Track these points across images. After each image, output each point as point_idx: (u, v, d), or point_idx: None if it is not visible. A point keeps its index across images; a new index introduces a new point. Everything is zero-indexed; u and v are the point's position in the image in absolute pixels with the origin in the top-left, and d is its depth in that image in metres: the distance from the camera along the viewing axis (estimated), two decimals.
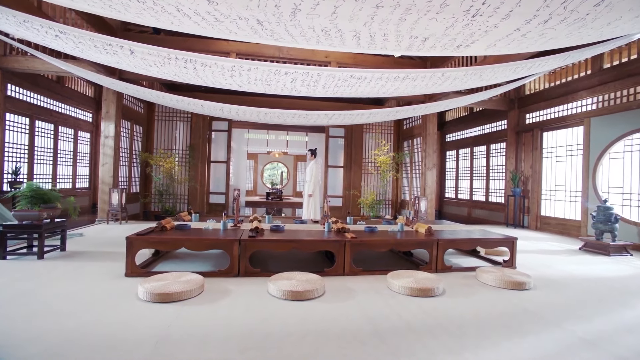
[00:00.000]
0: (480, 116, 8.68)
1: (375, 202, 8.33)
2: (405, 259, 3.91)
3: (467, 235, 3.63)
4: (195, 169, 8.26)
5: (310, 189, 6.33)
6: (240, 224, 3.96)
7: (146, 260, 3.38)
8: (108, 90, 6.27)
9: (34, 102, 7.26)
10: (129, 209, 7.52)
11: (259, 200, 14.50)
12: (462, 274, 3.36)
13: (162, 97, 5.06)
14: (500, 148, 8.02)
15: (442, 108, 5.81)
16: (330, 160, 9.21)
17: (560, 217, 6.34)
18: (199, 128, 8.33)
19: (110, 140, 6.30)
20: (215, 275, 3.03)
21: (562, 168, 6.36)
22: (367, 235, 3.48)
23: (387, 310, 2.37)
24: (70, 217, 3.75)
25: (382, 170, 8.32)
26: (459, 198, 9.92)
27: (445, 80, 3.73)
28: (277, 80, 3.61)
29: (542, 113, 6.80)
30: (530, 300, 2.64)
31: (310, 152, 6.39)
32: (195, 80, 3.85)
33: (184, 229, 3.44)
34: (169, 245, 3.01)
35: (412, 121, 8.87)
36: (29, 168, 7.20)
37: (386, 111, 5.38)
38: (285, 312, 2.30)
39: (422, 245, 3.39)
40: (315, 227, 3.95)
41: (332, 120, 5.81)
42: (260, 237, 3.17)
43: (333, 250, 3.19)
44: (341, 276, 3.17)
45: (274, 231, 3.55)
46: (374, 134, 9.19)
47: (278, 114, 5.28)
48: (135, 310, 2.25)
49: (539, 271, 3.53)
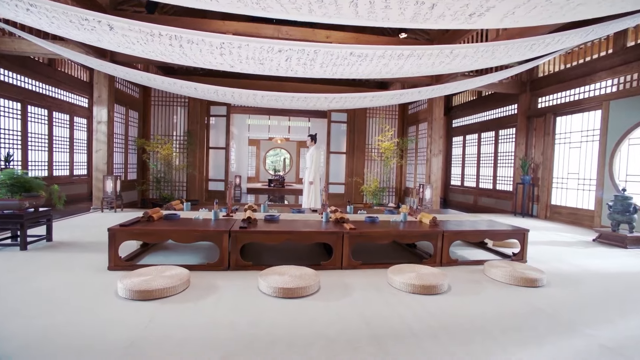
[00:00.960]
0: (489, 100, 8.30)
1: (378, 190, 8.10)
2: (408, 250, 3.70)
3: (474, 227, 3.40)
4: (194, 155, 8.06)
5: (310, 176, 6.10)
6: (234, 214, 3.76)
7: (134, 251, 3.21)
8: (99, 73, 6.02)
9: (25, 86, 7.04)
10: (126, 197, 7.38)
11: (261, 187, 14.34)
12: (469, 268, 3.14)
13: (154, 79, 4.80)
14: (509, 134, 7.68)
15: (449, 91, 5.48)
16: (332, 146, 8.94)
17: (571, 207, 6.05)
18: (197, 113, 8.08)
19: (103, 125, 6.08)
20: (204, 268, 2.84)
21: (575, 155, 6.04)
22: (367, 226, 3.26)
23: (387, 310, 2.16)
24: (55, 207, 3.58)
25: (385, 157, 8.04)
26: (465, 186, 9.64)
27: (454, 58, 3.42)
28: (271, 59, 3.33)
29: (556, 96, 6.42)
30: (543, 299, 2.42)
31: (311, 138, 6.13)
32: (184, 59, 3.58)
33: (172, 219, 3.24)
34: (154, 237, 2.82)
35: (418, 105, 8.52)
36: (22, 155, 7.03)
37: (390, 94, 5.07)
38: (275, 311, 2.10)
39: (426, 237, 3.16)
40: (313, 216, 3.74)
41: (333, 104, 5.52)
42: (253, 228, 2.97)
43: (330, 242, 2.98)
44: (339, 270, 2.97)
45: (268, 221, 3.34)
46: (377, 119, 8.86)
47: (275, 97, 5.00)
48: (111, 309, 2.07)
49: (552, 265, 3.29)
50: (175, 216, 3.31)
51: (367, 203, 8.57)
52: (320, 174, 6.24)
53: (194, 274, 2.70)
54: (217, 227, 2.91)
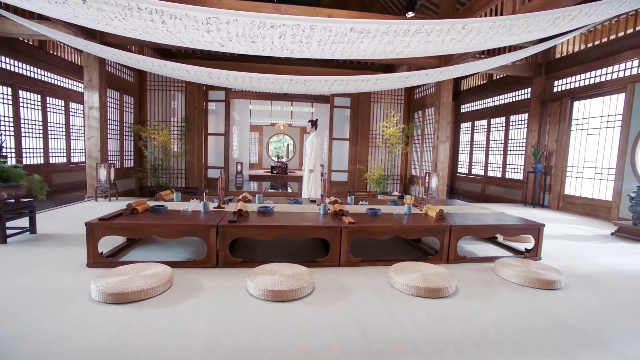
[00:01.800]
0: (501, 84, 7.87)
1: (382, 178, 7.81)
2: (412, 245, 3.46)
3: (484, 221, 3.13)
4: (192, 142, 7.81)
5: (310, 164, 5.83)
6: (227, 205, 3.53)
7: (119, 245, 3.01)
8: (89, 56, 5.73)
9: (16, 70, 6.78)
10: (123, 185, 7.20)
11: (264, 174, 14.12)
12: (478, 265, 2.89)
13: (143, 61, 4.51)
14: (521, 120, 7.29)
15: (458, 73, 5.11)
16: (335, 132, 8.62)
17: (587, 197, 5.72)
18: (194, 98, 7.78)
19: (95, 111, 5.83)
20: (190, 265, 2.63)
21: (593, 142, 5.67)
22: (368, 219, 3.01)
23: (387, 318, 1.93)
24: (37, 197, 3.38)
25: (390, 144, 7.72)
26: (472, 174, 9.32)
27: (466, 35, 3.07)
28: (263, 36, 3.02)
29: (574, 79, 6.00)
30: (563, 305, 2.17)
31: (311, 124, 5.85)
32: (169, 38, 3.28)
33: (159, 212, 3.02)
34: (136, 232, 2.61)
35: (425, 90, 8.12)
36: (16, 142, 6.85)
37: (395, 76, 4.73)
38: (262, 319, 1.89)
39: (432, 232, 2.91)
40: (311, 208, 3.50)
41: (335, 88, 5.19)
42: (243, 222, 2.73)
43: (327, 237, 2.75)
44: (336, 267, 2.75)
45: (262, 214, 3.11)
46: (382, 104, 8.49)
47: (272, 80, 4.69)
48: (80, 314, 1.87)
49: (569, 263, 3.03)
50: (163, 208, 3.09)
51: (371, 191, 8.32)
52: (321, 162, 5.98)
53: (179, 271, 2.50)
54: (203, 222, 2.68)
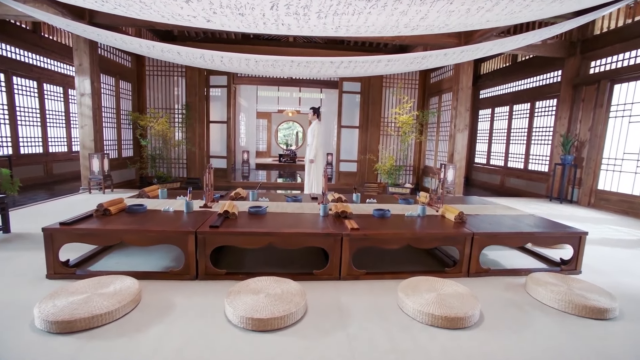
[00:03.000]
0: (526, 67, 7.16)
1: (394, 168, 7.31)
2: (427, 252, 3.02)
3: (513, 227, 2.65)
4: (193, 130, 7.45)
5: (311, 154, 5.40)
6: (217, 202, 3.15)
7: (91, 250, 2.67)
8: (78, 38, 5.35)
9: (8, 55, 6.49)
10: (122, 176, 6.94)
11: (272, 162, 13.74)
12: (505, 280, 2.44)
13: (130, 42, 4.10)
14: (548, 106, 6.62)
15: (481, 53, 4.51)
16: (344, 119, 8.11)
17: (625, 193, 5.11)
18: (195, 84, 7.38)
19: (87, 98, 5.50)
20: (166, 277, 2.27)
21: (636, 131, 5.01)
22: (374, 223, 2.58)
23: (392, 357, 1.52)
24: (7, 194, 3.07)
25: (403, 132, 7.18)
26: (491, 164, 8.71)
27: (499, 1, 2.53)
28: (252, 7, 2.55)
29: (615, 59, 5.30)
30: (620, 343, 1.71)
31: (313, 111, 5.39)
32: (147, 13, 2.85)
33: (136, 213, 2.66)
34: (102, 239, 2.25)
35: (442, 73, 7.48)
36: (12, 130, 6.61)
37: (410, 57, 4.18)
38: (239, 355, 1.50)
39: (451, 241, 2.46)
40: (310, 207, 3.09)
41: (342, 71, 4.68)
42: (226, 227, 2.34)
43: (325, 247, 2.33)
44: (336, 281, 2.34)
45: (252, 215, 2.71)
46: (395, 89, 7.90)
47: (272, 63, 4.22)
48: (16, 348, 1.52)
49: (617, 281, 2.54)
50: (141, 208, 2.72)
51: (382, 183, 7.84)
52: (329, 150, 5.50)
53: (151, 285, 2.14)
54: (179, 227, 2.30)
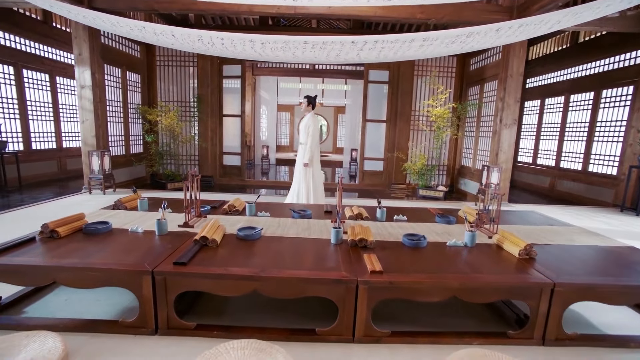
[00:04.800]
0: (589, 48, 6.00)
1: (426, 169, 6.45)
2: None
3: (616, 271, 1.81)
4: (205, 124, 6.94)
5: (305, 156, 4.20)
6: (203, 218, 2.53)
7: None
8: (77, 25, 4.91)
9: (18, 46, 6.23)
10: (131, 173, 6.57)
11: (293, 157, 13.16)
12: (602, 356, 1.63)
13: (119, 24, 3.55)
14: (620, 95, 5.47)
15: (545, 29, 3.55)
16: (369, 112, 7.29)
17: None
18: (207, 75, 6.84)
19: (88, 90, 5.08)
20: (115, 329, 1.67)
21: None
22: (404, 258, 1.85)
23: None
24: None
25: (437, 127, 6.28)
26: (538, 164, 7.61)
27: None
28: None
29: None
30: None
31: (307, 101, 4.19)
32: None
33: (96, 234, 2.09)
34: (26, 279, 1.67)
35: (485, 58, 6.45)
36: (22, 125, 6.38)
37: (451, 34, 3.32)
38: None
39: (519, 294, 1.67)
40: (320, 226, 2.39)
41: (366, 54, 3.90)
42: (203, 261, 1.69)
43: (333, 298, 1.64)
44: (348, 344, 1.65)
45: (241, 241, 2.06)
46: (428, 77, 6.96)
47: (281, 44, 3.52)
48: None
49: None
50: (102, 228, 2.14)
51: (411, 184, 6.99)
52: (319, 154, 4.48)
53: (93, 341, 1.55)
54: (133, 262, 1.67)
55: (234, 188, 6.63)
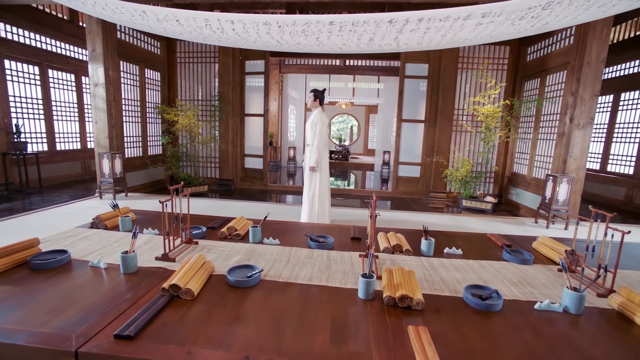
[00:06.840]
0: None
1: (470, 176, 5.57)
2: None
3: None
4: (225, 124, 6.52)
5: (312, 159, 3.67)
6: (193, 246, 1.97)
7: None
8: (90, 19, 4.62)
9: (43, 46, 6.14)
10: (149, 176, 6.28)
11: None
12: None
13: (117, 9, 3.11)
14: None
15: None
16: (405, 111, 6.52)
17: None
18: (228, 71, 6.41)
19: (101, 89, 4.78)
20: None
21: None
22: (469, 329, 1.15)
23: None
24: None
25: (485, 128, 5.39)
26: (608, 171, 6.45)
27: None
28: None
29: None
30: None
31: (314, 95, 3.71)
32: None
33: (44, 269, 1.58)
34: None
35: (546, 46, 5.46)
36: (47, 126, 6.30)
37: (523, 4, 2.53)
38: None
39: None
40: (343, 263, 1.74)
41: (405, 38, 3.18)
42: (165, 328, 1.10)
43: None
44: None
45: (230, 289, 1.46)
46: (475, 71, 6.07)
47: (302, 27, 2.90)
48: None
49: None
50: (55, 262, 1.63)
51: (452, 192, 6.13)
52: (327, 155, 3.78)
53: None
54: (51, 333, 1.10)
55: (254, 194, 6.15)
